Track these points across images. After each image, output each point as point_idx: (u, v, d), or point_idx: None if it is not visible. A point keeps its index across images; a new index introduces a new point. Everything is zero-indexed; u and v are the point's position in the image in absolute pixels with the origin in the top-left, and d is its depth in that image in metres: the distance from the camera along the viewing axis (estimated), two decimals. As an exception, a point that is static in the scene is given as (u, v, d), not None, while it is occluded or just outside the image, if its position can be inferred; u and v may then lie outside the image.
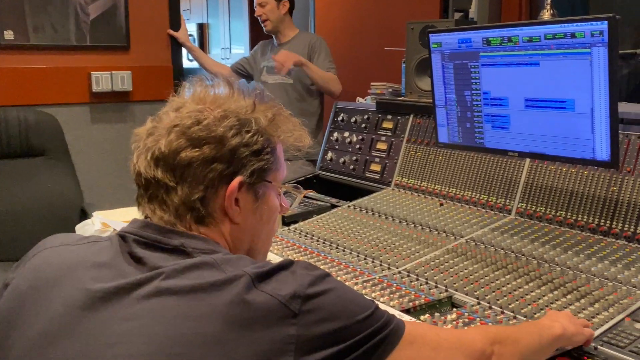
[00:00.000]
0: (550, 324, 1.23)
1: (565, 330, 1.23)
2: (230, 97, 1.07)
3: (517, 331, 1.20)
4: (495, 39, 1.63)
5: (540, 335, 1.19)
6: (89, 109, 3.64)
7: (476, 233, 1.95)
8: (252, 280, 0.89)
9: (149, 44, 3.75)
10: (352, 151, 2.77)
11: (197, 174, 0.99)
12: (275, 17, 3.79)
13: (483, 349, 1.05)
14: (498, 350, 1.07)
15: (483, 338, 1.08)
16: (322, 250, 1.97)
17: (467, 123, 1.81)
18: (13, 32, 3.32)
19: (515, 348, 1.11)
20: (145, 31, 3.72)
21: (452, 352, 1.02)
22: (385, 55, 3.57)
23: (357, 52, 4.00)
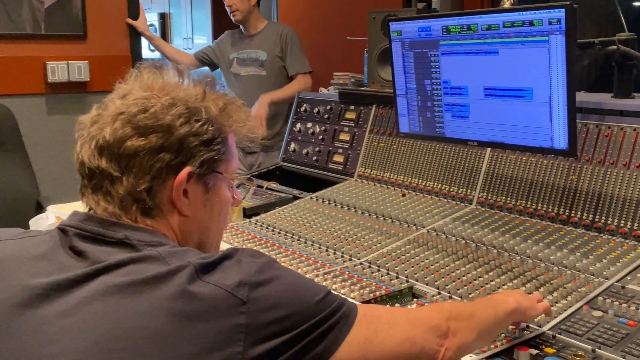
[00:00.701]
0: (504, 298, 1.24)
1: (519, 304, 1.23)
2: (179, 84, 1.04)
3: (472, 306, 1.20)
4: (454, 27, 1.61)
5: (495, 310, 1.18)
6: (44, 100, 3.54)
7: (437, 223, 1.94)
8: (195, 271, 0.86)
9: (106, 33, 3.66)
10: (315, 142, 2.74)
11: (144, 163, 0.96)
12: (245, 7, 3.74)
13: (439, 324, 1.04)
14: (454, 325, 1.06)
15: (438, 314, 1.07)
16: (284, 243, 1.95)
17: (428, 113, 1.80)
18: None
19: (471, 322, 1.10)
20: (102, 20, 3.63)
21: (409, 329, 1.01)
22: (348, 45, 3.55)
23: (320, 42, 3.97)
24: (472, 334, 1.09)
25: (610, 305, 1.38)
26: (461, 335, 1.06)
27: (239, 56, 3.82)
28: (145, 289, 0.85)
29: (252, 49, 3.80)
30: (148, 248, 0.92)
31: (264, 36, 3.79)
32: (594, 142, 1.80)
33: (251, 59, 3.80)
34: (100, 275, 0.87)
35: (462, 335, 1.07)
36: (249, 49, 3.81)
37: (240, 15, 3.74)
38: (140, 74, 1.04)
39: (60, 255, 0.93)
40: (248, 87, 3.76)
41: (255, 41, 3.80)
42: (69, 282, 0.87)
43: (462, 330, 1.07)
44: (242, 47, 3.83)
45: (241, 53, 3.81)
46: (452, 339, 1.05)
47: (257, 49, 3.79)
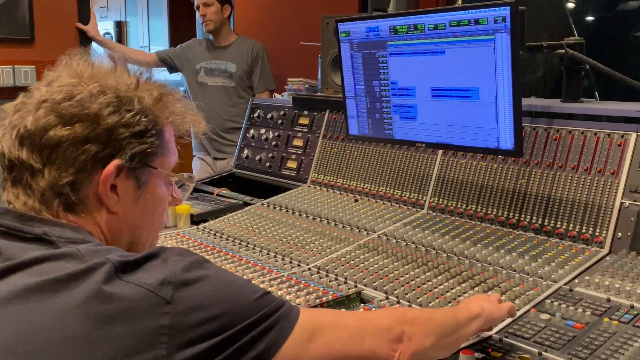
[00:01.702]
0: (466, 305, 1.20)
1: (482, 308, 1.18)
2: (111, 72, 0.97)
3: (429, 311, 1.17)
4: (401, 27, 1.59)
5: (455, 315, 1.13)
6: (-12, 106, 3.40)
7: (388, 228, 1.91)
8: (114, 269, 0.81)
9: (55, 38, 3.54)
10: (268, 148, 2.69)
11: (67, 155, 0.89)
12: (218, 18, 3.80)
13: (390, 327, 0.99)
14: (409, 329, 1.00)
15: (390, 317, 1.02)
16: (231, 249, 1.89)
17: (377, 114, 1.77)
18: None
19: (428, 327, 1.04)
20: (51, 24, 3.52)
21: (358, 332, 0.95)
22: (302, 51, 3.52)
23: (275, 49, 3.95)
24: (429, 339, 1.03)
25: (558, 308, 1.36)
26: (417, 340, 1.01)
27: (207, 66, 3.83)
28: (59, 288, 0.78)
29: (221, 60, 3.83)
30: (68, 245, 0.86)
31: (235, 49, 3.83)
32: (542, 145, 1.80)
33: (220, 70, 3.82)
34: (12, 273, 0.81)
35: (418, 340, 1.01)
36: (219, 60, 3.84)
37: (212, 26, 3.78)
38: (70, 61, 0.97)
39: None
40: (214, 97, 3.80)
41: (225, 53, 3.83)
42: None
43: (418, 334, 1.01)
44: (211, 57, 3.85)
45: (210, 63, 3.83)
46: (407, 344, 0.99)
47: (227, 61, 3.82)
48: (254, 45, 3.86)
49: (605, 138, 1.69)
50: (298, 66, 3.72)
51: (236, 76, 3.79)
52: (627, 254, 1.55)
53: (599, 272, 1.49)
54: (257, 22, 4.61)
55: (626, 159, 1.64)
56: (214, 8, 3.77)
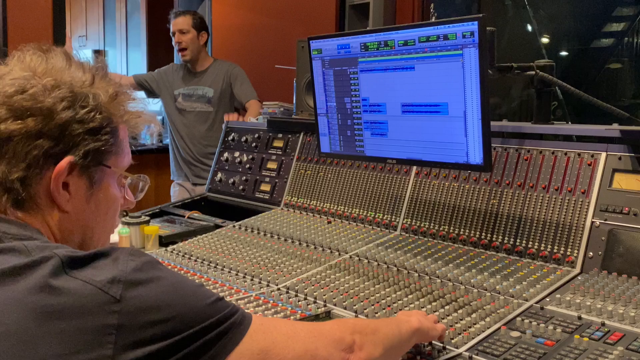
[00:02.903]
0: (406, 318, 1.20)
1: (421, 324, 1.20)
2: (66, 68, 0.94)
3: (375, 322, 1.17)
4: (372, 44, 1.59)
5: (399, 327, 1.15)
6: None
7: (361, 249, 1.89)
8: (62, 263, 0.77)
9: (29, 60, 3.51)
10: (242, 171, 2.67)
11: (18, 150, 0.86)
12: (194, 46, 3.78)
13: (342, 337, 0.98)
14: (359, 339, 1.00)
15: (341, 327, 1.01)
16: (199, 270, 1.84)
17: (348, 131, 1.76)
18: None
19: (376, 337, 1.05)
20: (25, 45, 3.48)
21: (309, 341, 0.94)
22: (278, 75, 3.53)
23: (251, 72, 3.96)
24: (377, 349, 1.03)
25: (529, 326, 1.34)
26: (367, 350, 1.01)
27: (185, 92, 3.82)
28: (1, 281, 0.75)
29: (198, 86, 3.82)
30: (14, 242, 0.82)
31: (211, 73, 3.82)
32: (514, 166, 1.79)
33: (198, 95, 3.80)
34: None
35: (368, 350, 1.01)
36: (196, 86, 3.82)
37: (189, 55, 3.77)
38: (23, 56, 0.94)
39: None
40: (193, 122, 3.79)
41: (202, 78, 3.82)
42: None
43: (368, 344, 1.02)
44: (189, 83, 3.84)
45: (187, 89, 3.82)
46: (358, 353, 0.99)
47: (204, 86, 3.80)
48: (229, 66, 3.85)
49: (576, 158, 1.70)
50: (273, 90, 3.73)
51: (214, 100, 3.77)
52: (599, 272, 1.54)
53: (570, 290, 1.48)
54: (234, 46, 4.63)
55: (596, 178, 1.64)
56: (190, 35, 3.76)
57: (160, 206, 2.56)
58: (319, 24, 3.79)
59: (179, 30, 3.75)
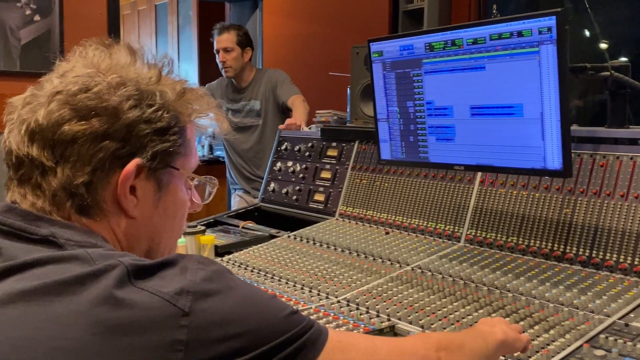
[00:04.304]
0: (490, 329, 1.10)
1: (506, 335, 1.11)
2: (131, 64, 0.88)
3: (461, 336, 1.06)
4: (438, 44, 1.52)
5: (485, 340, 1.05)
6: (16, 139, 3.40)
7: (423, 261, 1.80)
8: (127, 273, 0.71)
9: (85, 72, 3.56)
10: (295, 181, 2.61)
11: (83, 152, 0.80)
12: (238, 64, 3.69)
13: (427, 354, 0.90)
14: (445, 356, 0.92)
15: (425, 344, 0.93)
16: (255, 280, 1.79)
17: (411, 137, 1.68)
18: None
19: (463, 353, 0.97)
20: (81, 58, 3.53)
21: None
22: (331, 83, 3.48)
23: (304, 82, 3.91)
24: None
25: (614, 344, 1.23)
26: None
27: (233, 107, 3.78)
28: (62, 292, 0.69)
29: (245, 101, 3.77)
30: (77, 249, 0.76)
31: (255, 85, 3.76)
32: (588, 172, 1.68)
33: (246, 111, 3.76)
34: (11, 275, 0.72)
35: None
36: (243, 101, 3.78)
37: (232, 72, 3.70)
38: (85, 52, 0.89)
39: None
40: (246, 136, 3.74)
41: (247, 92, 3.77)
42: None
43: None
44: (235, 98, 3.80)
45: (235, 105, 3.78)
46: None
47: (249, 100, 3.75)
48: (270, 73, 3.78)
49: (658, 163, 1.57)
50: (326, 98, 3.67)
51: (262, 112, 3.73)
52: (688, 287, 1.41)
53: (657, 306, 1.36)
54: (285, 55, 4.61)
55: (682, 185, 1.52)
56: (234, 54, 3.67)
57: (214, 216, 2.53)
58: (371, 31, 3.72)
59: (223, 48, 3.67)
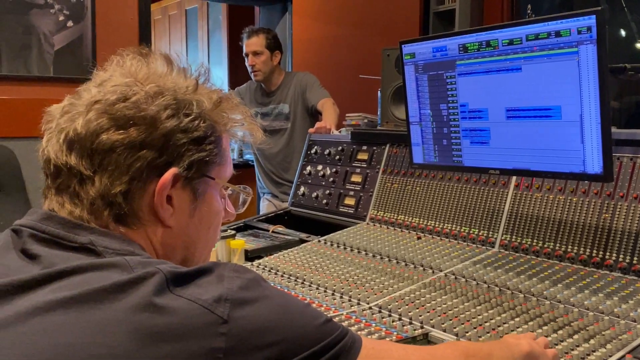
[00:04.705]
0: (515, 341, 1.10)
1: (532, 348, 1.10)
2: (168, 73, 0.89)
3: (488, 346, 1.06)
4: (472, 45, 1.48)
5: (511, 351, 1.05)
6: (50, 144, 3.45)
7: (456, 267, 1.76)
8: (165, 280, 0.71)
9: (117, 77, 3.60)
10: (325, 185, 2.59)
11: (121, 161, 0.81)
12: (267, 68, 3.70)
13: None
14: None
15: (455, 352, 0.94)
16: (286, 286, 1.77)
17: (444, 140, 1.65)
18: (-30, 61, 3.16)
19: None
20: (113, 63, 3.57)
21: None
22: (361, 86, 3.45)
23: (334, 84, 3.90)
24: None
25: (660, 355, 1.18)
26: None
27: (262, 111, 3.78)
28: (103, 299, 0.70)
29: (274, 104, 3.77)
30: (116, 257, 0.77)
31: (284, 88, 3.76)
32: (628, 176, 1.63)
33: (275, 114, 3.76)
34: (52, 282, 0.72)
35: None
36: (272, 105, 3.78)
37: (261, 76, 3.70)
38: (122, 61, 0.90)
39: (7, 258, 0.78)
40: (274, 140, 3.73)
41: (276, 96, 3.77)
42: (12, 288, 0.72)
43: None
44: (264, 102, 3.81)
45: (264, 108, 3.78)
46: None
47: (279, 103, 3.75)
48: (299, 76, 3.77)
49: (703, 167, 1.51)
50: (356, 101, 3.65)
51: (292, 115, 3.72)
52: None
53: None
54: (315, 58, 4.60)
55: None
56: (263, 57, 3.67)
57: (244, 220, 2.53)
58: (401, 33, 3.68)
59: (253, 52, 3.68)
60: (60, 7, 3.36)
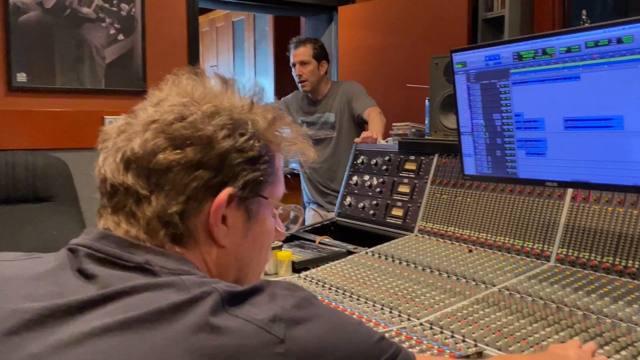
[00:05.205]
0: (563, 352, 1.08)
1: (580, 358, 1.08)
2: (223, 93, 0.89)
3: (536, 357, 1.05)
4: (527, 53, 1.43)
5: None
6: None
7: (510, 281, 1.70)
8: (221, 300, 0.71)
9: (165, 89, 3.66)
10: (372, 195, 2.56)
11: (177, 181, 0.81)
12: (315, 78, 3.69)
13: None
14: None
15: None
16: (334, 299, 1.75)
17: (497, 151, 1.60)
18: (26, 75, 3.26)
19: None
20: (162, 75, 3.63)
21: None
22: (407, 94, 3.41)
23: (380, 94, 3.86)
24: None
25: None
26: None
27: (308, 120, 3.78)
28: (161, 320, 0.69)
29: (320, 113, 3.76)
30: (171, 276, 0.77)
31: (330, 97, 3.74)
32: (695, 188, 1.54)
33: (321, 123, 3.76)
34: (108, 302, 0.72)
35: None
36: (318, 114, 3.77)
37: (309, 87, 3.69)
38: (178, 80, 0.91)
39: (64, 278, 0.78)
40: (320, 149, 3.71)
41: (322, 105, 3.76)
42: (69, 309, 0.72)
43: None
44: (310, 111, 3.81)
45: (309, 117, 3.78)
46: None
47: (324, 112, 3.74)
48: (345, 85, 3.76)
49: None
50: (403, 110, 3.61)
51: (337, 124, 3.70)
52: None
53: None
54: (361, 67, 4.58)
55: None
56: (310, 67, 3.67)
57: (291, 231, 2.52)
58: (449, 41, 3.64)
59: (300, 62, 3.68)
60: (111, 21, 3.44)
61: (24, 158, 3.10)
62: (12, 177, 3.05)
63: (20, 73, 3.26)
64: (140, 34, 3.54)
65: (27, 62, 3.28)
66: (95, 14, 3.39)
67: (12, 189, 3.06)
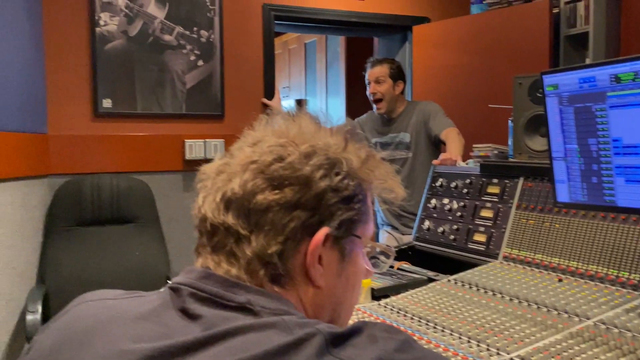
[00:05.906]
0: None
1: None
2: (317, 132, 0.90)
3: None
4: (626, 75, 1.35)
5: None
6: (181, 177, 3.63)
7: (606, 314, 1.60)
8: (325, 342, 0.70)
9: (242, 113, 3.73)
10: (452, 219, 2.49)
11: (277, 221, 0.81)
12: (390, 96, 3.67)
13: None
14: None
15: None
16: (417, 330, 1.69)
17: (593, 177, 1.51)
18: (111, 101, 3.39)
19: None
20: (239, 100, 3.71)
21: None
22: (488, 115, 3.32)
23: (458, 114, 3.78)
24: None
25: None
26: None
27: (382, 140, 3.74)
28: None
29: (394, 133, 3.71)
30: (272, 317, 0.76)
31: (406, 117, 3.69)
32: None
33: (396, 143, 3.71)
34: (214, 344, 0.72)
35: None
36: (392, 133, 3.72)
37: (385, 108, 3.67)
38: (272, 120, 0.92)
39: (168, 318, 0.78)
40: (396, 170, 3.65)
41: (397, 124, 3.72)
42: (175, 350, 0.72)
43: None
44: (384, 131, 3.77)
45: (384, 137, 3.74)
46: None
47: (399, 132, 3.69)
48: (422, 105, 3.69)
49: None
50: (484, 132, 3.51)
51: (413, 144, 3.64)
52: None
53: None
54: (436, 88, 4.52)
55: None
56: (385, 85, 3.64)
57: (368, 256, 2.48)
58: (529, 59, 3.53)
59: (375, 79, 3.66)
60: (191, 48, 3.53)
61: (109, 181, 3.23)
62: (98, 200, 3.18)
63: (105, 99, 3.39)
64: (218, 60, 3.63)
65: (111, 89, 3.41)
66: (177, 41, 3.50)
67: (97, 211, 3.19)
